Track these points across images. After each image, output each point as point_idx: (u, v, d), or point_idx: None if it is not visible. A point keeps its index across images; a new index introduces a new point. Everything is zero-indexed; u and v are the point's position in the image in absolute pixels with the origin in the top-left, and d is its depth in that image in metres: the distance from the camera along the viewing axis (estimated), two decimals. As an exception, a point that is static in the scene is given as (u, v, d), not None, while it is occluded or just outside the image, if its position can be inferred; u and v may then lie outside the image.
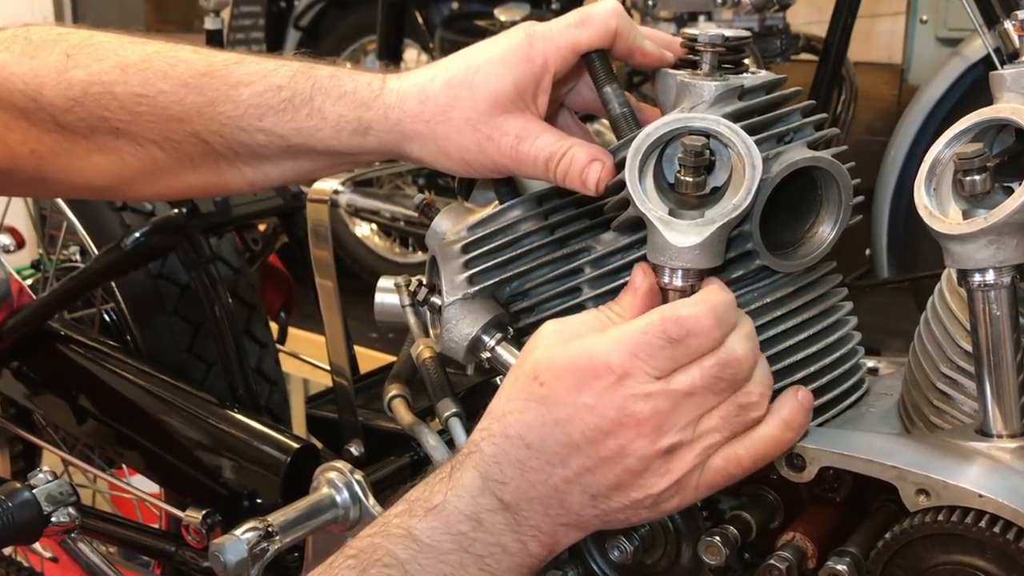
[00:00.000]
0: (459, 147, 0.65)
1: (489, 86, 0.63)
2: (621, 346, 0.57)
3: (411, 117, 0.65)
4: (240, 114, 0.68)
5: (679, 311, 0.57)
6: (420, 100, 0.65)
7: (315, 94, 0.67)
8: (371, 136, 0.67)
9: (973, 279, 0.58)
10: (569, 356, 0.58)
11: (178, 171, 0.72)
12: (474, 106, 0.63)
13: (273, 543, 0.79)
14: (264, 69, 0.69)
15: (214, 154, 0.71)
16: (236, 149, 0.70)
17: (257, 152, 0.70)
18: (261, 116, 0.68)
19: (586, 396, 0.57)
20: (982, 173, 0.56)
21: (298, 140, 0.68)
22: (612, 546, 0.69)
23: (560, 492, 0.58)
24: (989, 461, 0.59)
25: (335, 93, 0.67)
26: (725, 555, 0.64)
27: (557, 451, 0.57)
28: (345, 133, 0.67)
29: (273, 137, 0.69)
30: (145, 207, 1.29)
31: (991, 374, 0.60)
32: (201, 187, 0.74)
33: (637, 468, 0.57)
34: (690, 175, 0.59)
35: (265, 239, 1.37)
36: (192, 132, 0.70)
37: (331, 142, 0.68)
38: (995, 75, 0.60)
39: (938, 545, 0.58)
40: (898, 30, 2.51)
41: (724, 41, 0.62)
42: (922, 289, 1.83)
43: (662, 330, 0.56)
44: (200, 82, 0.69)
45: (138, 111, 0.70)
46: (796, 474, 0.62)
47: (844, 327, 0.68)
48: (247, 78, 0.69)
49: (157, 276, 1.28)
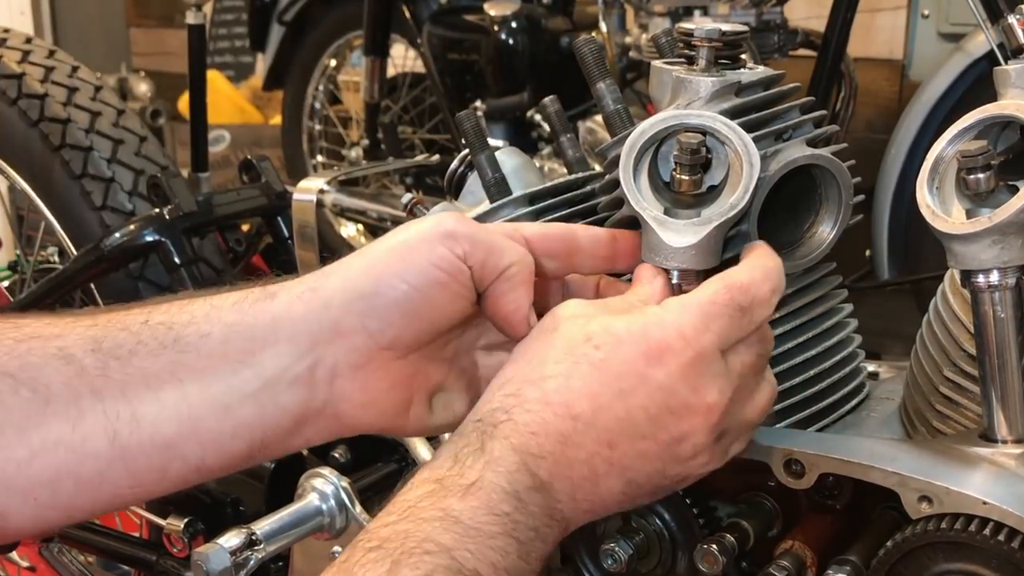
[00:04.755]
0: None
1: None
2: (691, 315, 0.51)
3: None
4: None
5: (741, 278, 0.53)
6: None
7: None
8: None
9: (977, 280, 0.57)
10: (634, 322, 0.52)
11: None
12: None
13: (257, 552, 0.78)
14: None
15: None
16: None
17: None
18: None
19: (656, 369, 0.51)
20: (986, 171, 0.55)
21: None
22: (606, 554, 0.68)
23: (597, 475, 0.52)
24: (993, 467, 0.58)
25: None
26: (722, 564, 0.62)
27: (610, 427, 0.51)
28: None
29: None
30: (126, 207, 1.27)
31: (995, 378, 0.59)
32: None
33: (686, 455, 0.53)
34: (686, 173, 0.58)
35: (248, 240, 1.35)
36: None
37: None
38: (999, 71, 0.59)
39: (941, 553, 0.57)
40: (899, 25, 2.52)
41: (721, 36, 0.61)
42: (924, 291, 1.83)
43: (730, 298, 0.52)
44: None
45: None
46: (795, 481, 0.61)
47: (844, 330, 0.68)
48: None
49: (138, 278, 1.26)
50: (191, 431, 0.56)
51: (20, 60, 1.36)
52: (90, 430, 0.55)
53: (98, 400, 0.55)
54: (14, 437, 0.54)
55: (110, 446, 0.55)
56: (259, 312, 0.57)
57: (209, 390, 0.56)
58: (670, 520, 0.66)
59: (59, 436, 0.55)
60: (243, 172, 1.34)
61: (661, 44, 0.69)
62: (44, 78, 1.34)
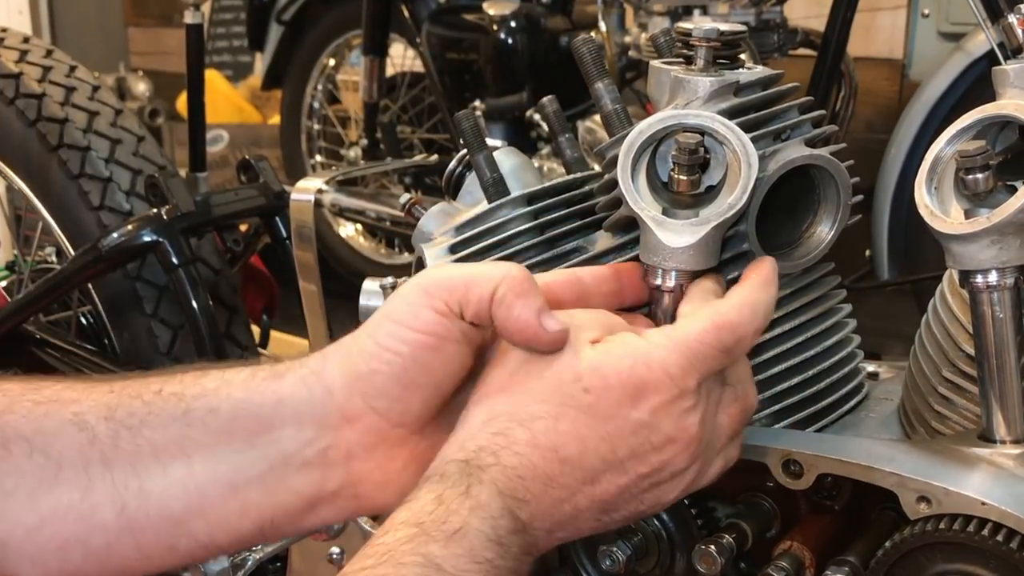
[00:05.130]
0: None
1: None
2: (678, 355, 0.52)
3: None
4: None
5: (730, 318, 0.54)
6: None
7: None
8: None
9: (975, 280, 0.57)
10: (623, 364, 0.52)
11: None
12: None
13: (255, 552, 0.78)
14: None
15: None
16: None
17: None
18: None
19: (641, 411, 0.52)
20: (985, 171, 0.55)
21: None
22: (604, 555, 0.68)
23: (578, 511, 0.52)
24: (992, 468, 0.58)
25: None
26: (720, 565, 0.62)
27: (595, 468, 0.52)
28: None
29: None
30: (123, 207, 1.27)
31: (994, 378, 0.59)
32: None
33: (663, 481, 0.54)
34: (684, 173, 0.57)
35: (247, 240, 1.35)
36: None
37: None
38: (998, 70, 0.59)
39: (940, 554, 0.57)
40: (899, 24, 2.52)
41: (719, 36, 0.61)
42: (923, 291, 1.83)
43: (717, 339, 0.53)
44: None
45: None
46: (793, 481, 0.61)
47: (843, 330, 0.68)
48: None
49: (135, 278, 1.26)
50: (198, 508, 0.55)
51: (18, 60, 1.35)
52: (99, 500, 0.54)
53: (108, 470, 0.54)
54: (26, 502, 0.54)
55: (118, 518, 0.54)
56: (266, 392, 0.56)
57: (216, 468, 0.55)
58: (668, 521, 0.66)
59: (69, 504, 0.54)
60: (241, 172, 1.34)
61: (660, 44, 0.69)
62: (42, 77, 1.33)
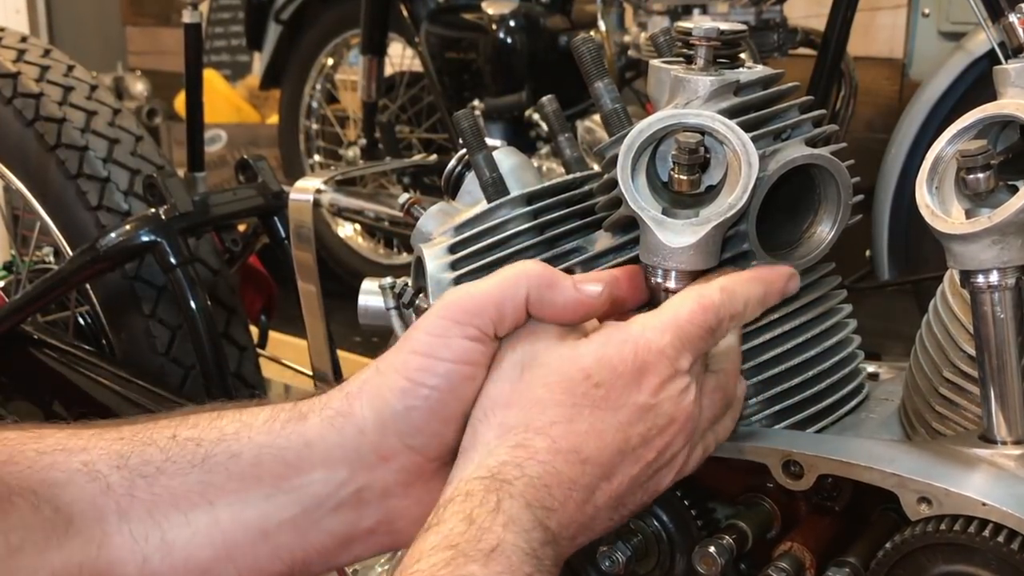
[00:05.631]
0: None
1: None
2: (671, 336, 0.53)
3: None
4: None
5: (713, 299, 0.54)
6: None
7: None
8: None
9: (976, 280, 0.57)
10: (625, 351, 0.52)
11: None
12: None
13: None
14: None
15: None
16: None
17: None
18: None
19: (644, 393, 0.52)
20: (986, 171, 0.55)
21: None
22: (604, 556, 0.67)
23: (597, 511, 0.52)
24: (993, 469, 0.58)
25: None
26: (720, 566, 0.62)
27: (612, 462, 0.52)
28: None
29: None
30: (121, 206, 1.26)
31: (995, 378, 0.58)
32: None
33: (663, 464, 0.54)
34: (684, 173, 0.57)
35: (245, 240, 1.35)
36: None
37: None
38: (998, 70, 0.59)
39: (940, 555, 0.57)
40: (899, 24, 2.52)
41: (719, 35, 0.61)
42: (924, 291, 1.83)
43: (704, 319, 0.54)
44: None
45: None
46: (794, 482, 0.61)
47: (843, 330, 0.67)
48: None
49: (133, 278, 1.25)
50: (227, 556, 0.53)
51: (15, 59, 1.35)
52: (116, 555, 0.52)
53: (124, 521, 0.52)
54: (34, 558, 0.51)
55: (139, 572, 0.52)
56: (291, 435, 0.54)
57: (243, 514, 0.54)
58: (668, 522, 0.66)
59: (83, 559, 0.52)
60: (239, 172, 1.33)
61: (659, 43, 0.69)
62: (39, 77, 1.33)
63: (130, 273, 1.25)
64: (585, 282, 0.55)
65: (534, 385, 0.52)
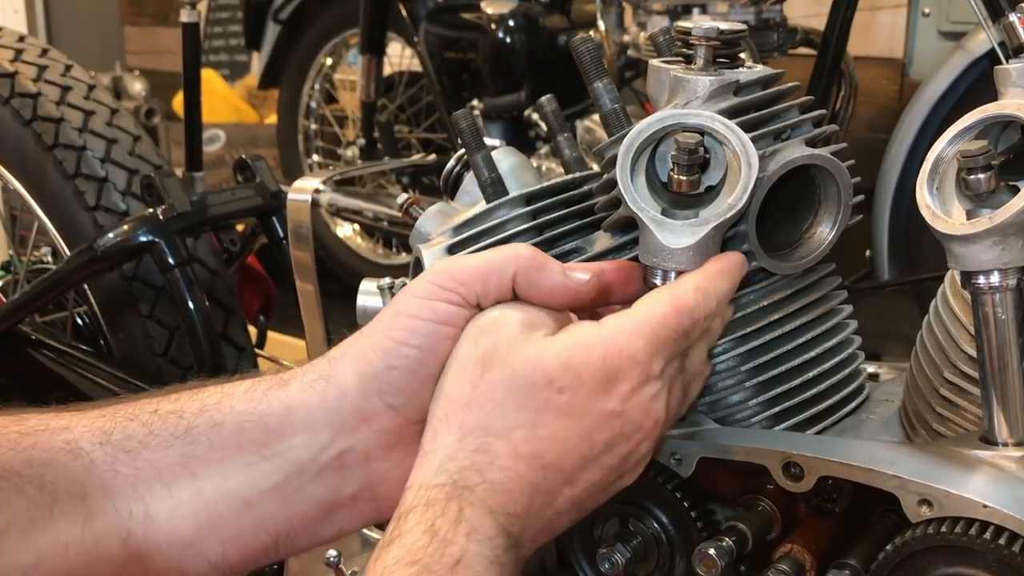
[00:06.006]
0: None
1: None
2: (643, 341, 0.52)
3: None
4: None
5: (687, 301, 0.54)
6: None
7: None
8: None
9: (978, 281, 0.57)
10: (593, 355, 0.51)
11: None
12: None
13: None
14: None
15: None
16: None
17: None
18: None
19: (612, 401, 0.51)
20: (987, 171, 0.55)
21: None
22: (603, 558, 0.67)
23: (558, 515, 0.53)
24: (994, 470, 0.58)
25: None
26: (720, 567, 0.62)
27: (575, 468, 0.52)
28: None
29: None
30: (119, 206, 1.26)
31: (996, 380, 0.58)
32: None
33: (627, 469, 0.54)
34: (684, 173, 0.57)
35: (243, 240, 1.35)
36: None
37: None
38: (1000, 70, 0.58)
39: (941, 557, 0.56)
40: (899, 23, 2.52)
41: (719, 35, 0.61)
42: (924, 292, 1.83)
43: (677, 323, 0.53)
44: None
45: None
46: (794, 484, 0.61)
47: (843, 331, 0.67)
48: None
49: (131, 278, 1.25)
50: (210, 528, 0.53)
51: (13, 59, 1.35)
52: (102, 530, 0.52)
53: (108, 497, 0.52)
54: (20, 540, 0.51)
55: (123, 547, 0.52)
56: (272, 401, 0.54)
57: (225, 484, 0.53)
58: (668, 524, 0.66)
59: (68, 538, 0.51)
60: (238, 172, 1.33)
61: (659, 43, 0.69)
62: (37, 77, 1.33)
63: (128, 273, 1.25)
64: (575, 270, 0.56)
65: (495, 386, 0.51)
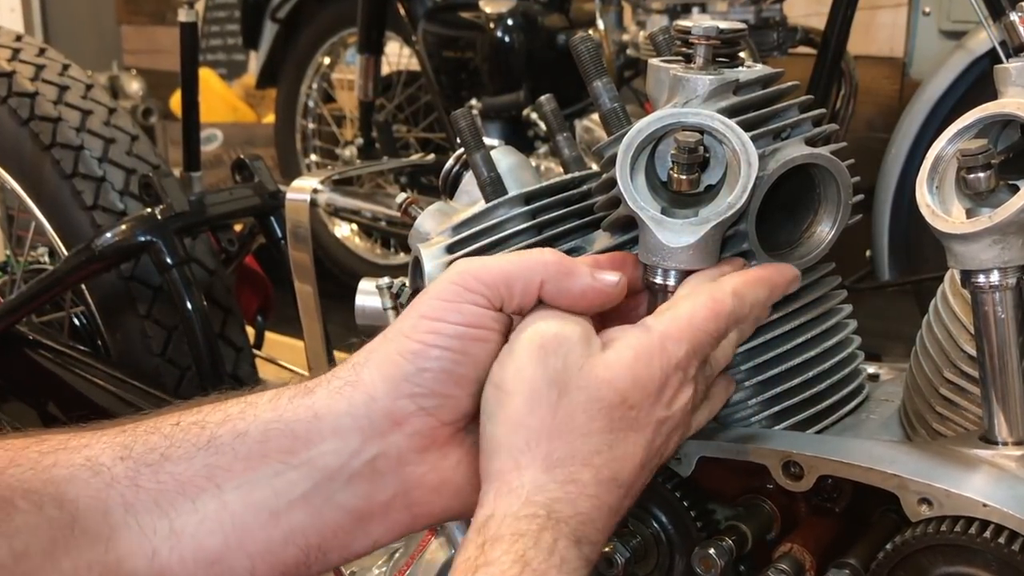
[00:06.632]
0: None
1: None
2: (687, 345, 0.53)
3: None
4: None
5: (724, 305, 0.55)
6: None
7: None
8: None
9: (977, 280, 0.57)
10: (653, 367, 0.52)
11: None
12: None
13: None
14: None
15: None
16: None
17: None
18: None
19: (663, 407, 0.53)
20: (986, 170, 0.55)
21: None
22: (602, 558, 0.67)
23: (609, 528, 0.53)
24: (994, 469, 0.57)
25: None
26: (720, 567, 0.62)
27: (637, 477, 0.53)
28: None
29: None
30: (117, 206, 1.26)
31: (996, 379, 0.58)
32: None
33: (655, 468, 0.55)
34: (683, 172, 0.57)
35: (241, 240, 1.35)
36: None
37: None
38: (999, 69, 0.58)
39: (941, 556, 0.56)
40: (900, 22, 2.51)
41: (719, 34, 0.60)
42: (924, 291, 1.83)
43: (716, 327, 0.55)
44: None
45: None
46: (794, 483, 0.60)
47: (843, 331, 0.67)
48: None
49: (129, 278, 1.25)
50: (237, 543, 0.51)
51: (10, 58, 1.35)
52: (126, 550, 0.50)
53: (130, 514, 0.50)
54: (42, 562, 0.49)
55: (149, 565, 0.50)
56: (298, 408, 0.53)
57: (252, 496, 0.52)
58: (667, 523, 0.66)
59: (91, 557, 0.49)
60: (236, 171, 1.33)
61: (658, 42, 0.68)
62: (34, 76, 1.33)
63: (126, 273, 1.25)
64: (600, 271, 0.55)
65: (575, 412, 0.51)
